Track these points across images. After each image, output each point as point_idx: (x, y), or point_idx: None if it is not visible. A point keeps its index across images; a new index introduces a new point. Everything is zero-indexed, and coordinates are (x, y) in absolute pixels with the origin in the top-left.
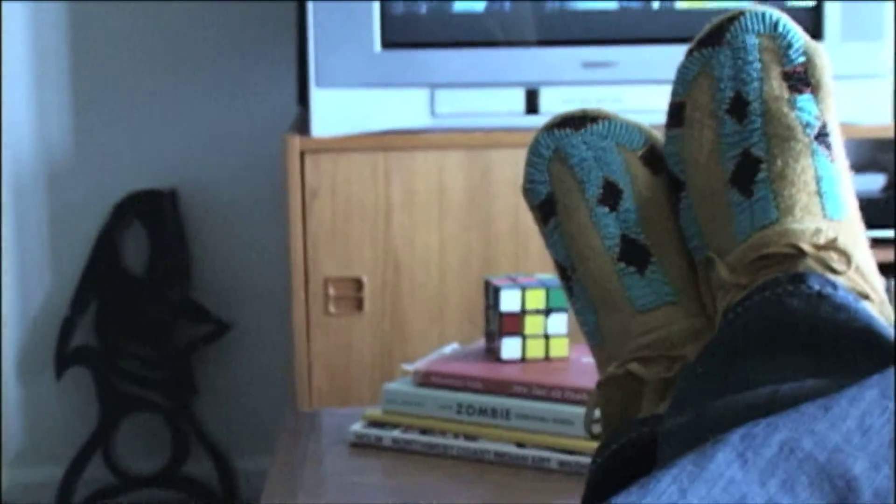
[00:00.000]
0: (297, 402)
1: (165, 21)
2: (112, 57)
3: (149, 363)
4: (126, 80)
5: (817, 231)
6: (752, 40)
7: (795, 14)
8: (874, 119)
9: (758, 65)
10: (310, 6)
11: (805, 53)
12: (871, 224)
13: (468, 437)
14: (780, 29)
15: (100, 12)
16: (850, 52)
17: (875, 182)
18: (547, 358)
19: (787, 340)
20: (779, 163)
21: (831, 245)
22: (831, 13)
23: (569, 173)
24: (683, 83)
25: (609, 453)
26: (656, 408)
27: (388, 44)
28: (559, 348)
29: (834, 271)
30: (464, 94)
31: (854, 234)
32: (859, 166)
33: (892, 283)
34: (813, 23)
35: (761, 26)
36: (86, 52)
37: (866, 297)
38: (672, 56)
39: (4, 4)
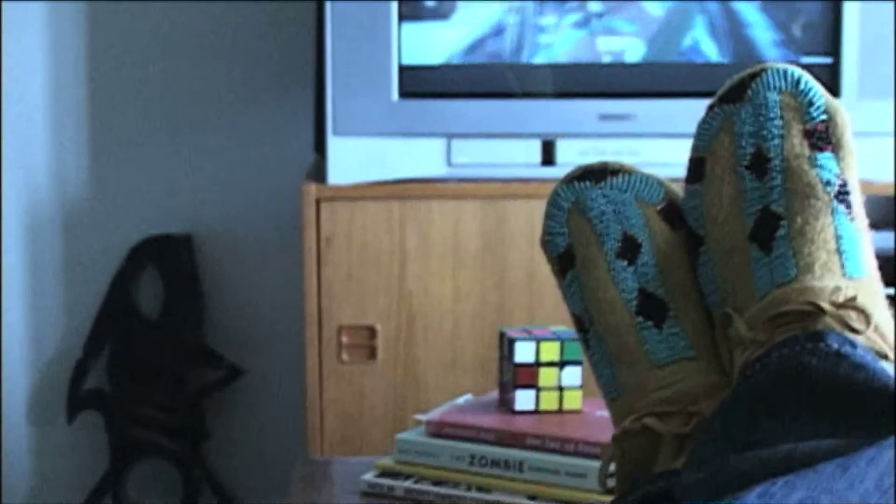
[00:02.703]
0: (308, 450)
1: (183, 66)
2: (129, 102)
3: (161, 408)
4: (143, 125)
5: (836, 289)
6: (773, 97)
7: (812, 71)
8: (890, 176)
9: (779, 122)
10: (328, 54)
11: (826, 111)
12: (887, 282)
13: (481, 489)
14: (802, 86)
15: (117, 57)
16: (866, 110)
17: (892, 240)
18: (560, 410)
19: (805, 399)
20: (799, 220)
21: (850, 304)
22: (848, 71)
23: (588, 226)
24: (704, 138)
25: None
26: (672, 463)
27: (405, 93)
28: (573, 401)
29: (853, 330)
30: (480, 144)
31: (873, 294)
32: (880, 223)
33: None
34: (829, 80)
35: (783, 83)
36: (103, 96)
37: (885, 356)
38: (690, 109)
39: (24, 44)
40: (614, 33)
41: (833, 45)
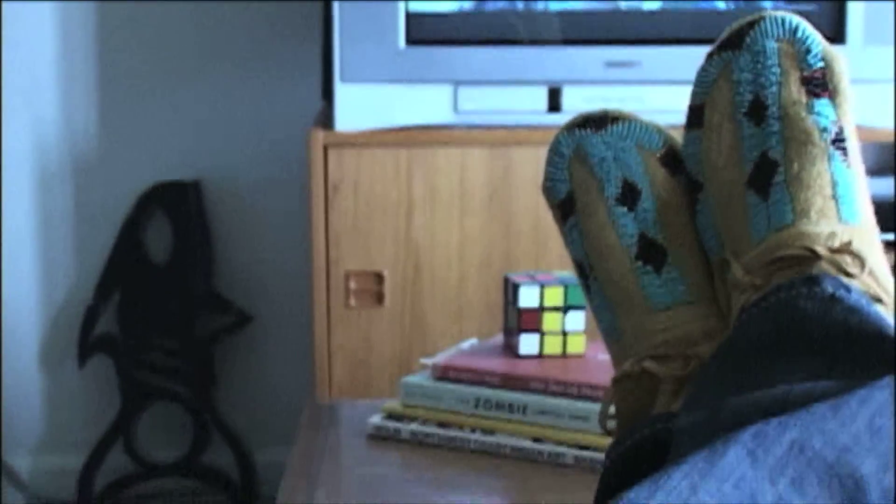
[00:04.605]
0: (316, 394)
1: (192, 14)
2: (138, 49)
3: (171, 353)
4: (152, 73)
5: (832, 234)
6: (771, 45)
7: (817, 17)
8: (891, 123)
9: (777, 69)
10: (336, 2)
11: (823, 59)
12: (887, 228)
13: (485, 432)
14: (800, 34)
15: (127, 6)
16: (871, 57)
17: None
18: (564, 354)
19: (800, 342)
20: (795, 166)
21: (846, 248)
22: (854, 17)
23: (588, 173)
24: (703, 86)
25: (623, 449)
26: (670, 405)
27: (412, 40)
28: (576, 345)
29: (848, 274)
30: (487, 91)
31: (868, 239)
32: (880, 170)
33: None
34: (835, 26)
35: (781, 31)
36: (112, 44)
37: (879, 300)
38: (694, 57)
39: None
40: None
41: None
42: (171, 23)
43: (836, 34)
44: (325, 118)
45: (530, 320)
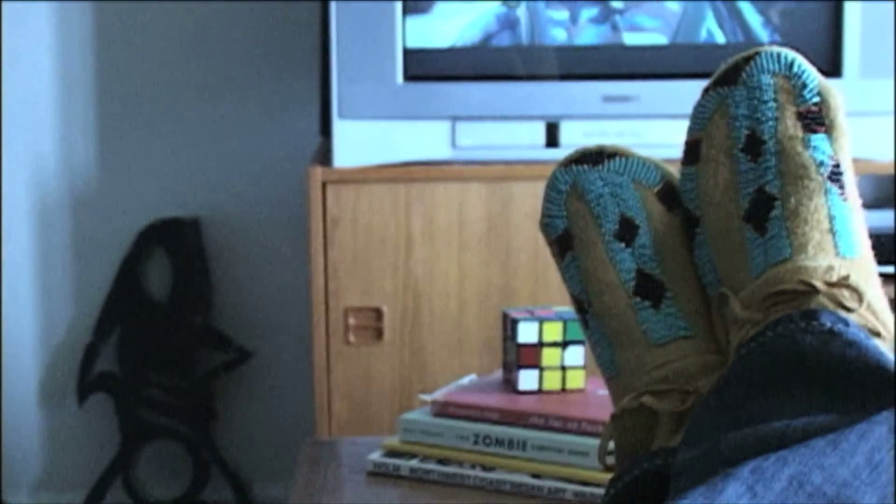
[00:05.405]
0: (316, 431)
1: (190, 51)
2: (137, 86)
3: (170, 390)
4: (150, 109)
5: (830, 268)
6: (767, 80)
7: (814, 51)
8: (890, 155)
9: (773, 104)
10: (333, 38)
11: (819, 94)
12: (887, 260)
13: (485, 468)
14: (796, 69)
15: (125, 41)
16: (868, 90)
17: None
18: (563, 390)
19: (798, 376)
20: (792, 201)
21: (843, 282)
22: (850, 50)
23: (585, 209)
24: (699, 121)
25: (622, 485)
26: (669, 440)
27: (410, 76)
28: (576, 380)
29: (846, 308)
30: (485, 126)
31: (866, 272)
32: (879, 202)
33: None
34: (832, 60)
35: (777, 66)
36: (111, 81)
37: (877, 334)
38: (691, 91)
39: (31, 28)
40: (636, 29)
41: (835, 24)
42: (171, 60)
43: (833, 68)
44: (324, 154)
45: (529, 356)
